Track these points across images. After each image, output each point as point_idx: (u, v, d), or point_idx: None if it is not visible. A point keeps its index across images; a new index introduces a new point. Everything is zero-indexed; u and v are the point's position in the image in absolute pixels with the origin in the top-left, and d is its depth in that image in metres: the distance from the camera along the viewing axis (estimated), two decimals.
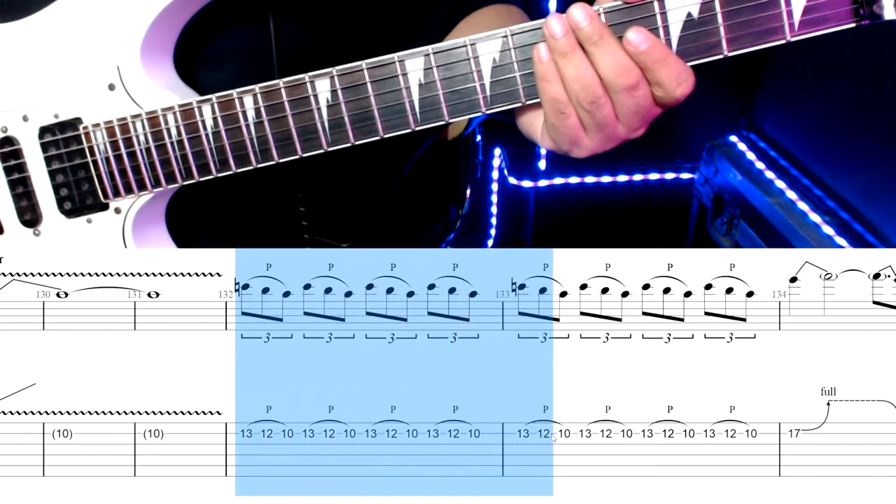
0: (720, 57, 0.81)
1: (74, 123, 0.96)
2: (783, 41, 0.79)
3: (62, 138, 0.97)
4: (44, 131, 0.97)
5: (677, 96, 0.79)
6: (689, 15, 0.80)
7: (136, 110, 0.94)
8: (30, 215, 1.00)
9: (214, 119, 0.92)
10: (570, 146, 0.85)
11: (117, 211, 0.98)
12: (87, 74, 0.95)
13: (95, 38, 0.94)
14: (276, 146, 0.91)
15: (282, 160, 0.91)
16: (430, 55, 0.85)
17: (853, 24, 0.78)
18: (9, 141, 0.98)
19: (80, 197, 0.98)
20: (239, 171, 0.93)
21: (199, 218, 1.08)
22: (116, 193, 0.97)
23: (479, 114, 0.87)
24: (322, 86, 0.88)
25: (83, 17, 0.94)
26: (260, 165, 0.92)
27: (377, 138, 0.88)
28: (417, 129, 0.88)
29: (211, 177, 0.94)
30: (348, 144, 0.90)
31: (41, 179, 0.99)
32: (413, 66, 0.86)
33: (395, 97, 0.87)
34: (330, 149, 0.90)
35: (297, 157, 0.91)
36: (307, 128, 0.90)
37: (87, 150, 0.96)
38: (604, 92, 0.79)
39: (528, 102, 0.85)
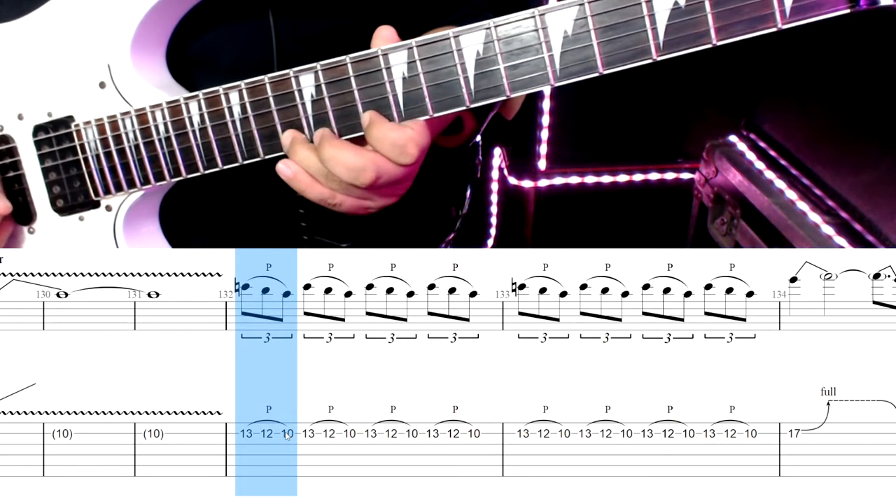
0: (709, 46, 0.78)
1: (67, 121, 0.96)
2: (774, 29, 0.76)
3: (55, 136, 0.97)
4: (38, 129, 0.97)
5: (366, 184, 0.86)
6: (676, 4, 0.77)
7: (126, 108, 0.94)
8: (24, 213, 1.00)
9: (201, 115, 0.91)
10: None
11: (108, 209, 0.98)
12: (79, 73, 0.95)
13: (87, 37, 0.94)
14: (261, 142, 0.90)
15: (268, 157, 0.91)
16: (413, 48, 0.84)
17: (847, 10, 0.74)
18: (4, 139, 0.99)
19: (73, 195, 0.98)
20: (225, 167, 0.93)
21: (198, 218, 1.08)
22: (107, 191, 0.97)
23: (464, 108, 0.85)
24: (307, 81, 0.87)
25: (76, 16, 0.95)
26: (247, 162, 0.92)
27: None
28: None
29: (198, 174, 0.94)
30: None
31: (35, 177, 0.99)
32: (396, 59, 0.85)
33: (379, 91, 0.86)
34: None
35: (282, 153, 0.90)
36: (292, 123, 0.89)
37: (78, 148, 0.96)
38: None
39: (513, 96, 0.83)
